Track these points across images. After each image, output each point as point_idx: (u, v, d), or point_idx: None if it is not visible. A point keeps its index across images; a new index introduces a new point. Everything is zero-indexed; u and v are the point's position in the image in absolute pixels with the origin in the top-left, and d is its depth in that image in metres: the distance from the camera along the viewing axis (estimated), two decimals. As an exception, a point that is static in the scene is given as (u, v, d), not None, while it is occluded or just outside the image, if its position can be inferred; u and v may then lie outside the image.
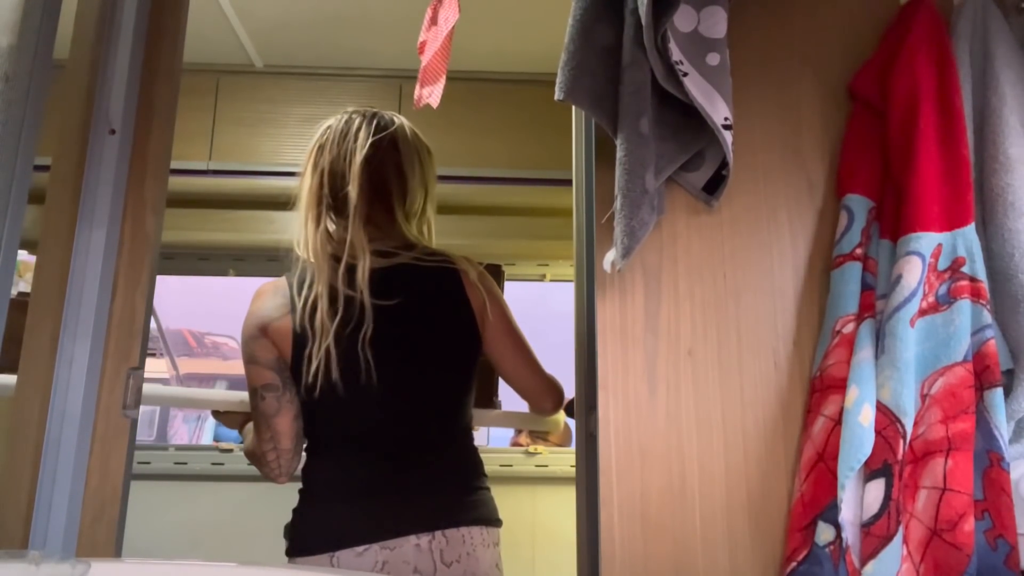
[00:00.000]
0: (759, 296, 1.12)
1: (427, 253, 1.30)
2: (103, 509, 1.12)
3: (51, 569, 0.66)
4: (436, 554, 1.16)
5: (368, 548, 1.15)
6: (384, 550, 1.15)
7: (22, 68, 1.00)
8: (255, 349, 1.24)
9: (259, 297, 1.28)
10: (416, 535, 1.16)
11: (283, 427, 1.24)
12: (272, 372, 1.23)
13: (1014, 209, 1.05)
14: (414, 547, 1.16)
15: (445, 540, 1.17)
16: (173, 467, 2.39)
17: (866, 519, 0.97)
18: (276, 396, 1.23)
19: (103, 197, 1.17)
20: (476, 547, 1.20)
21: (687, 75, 1.03)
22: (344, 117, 1.35)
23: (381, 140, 1.32)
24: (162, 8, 1.28)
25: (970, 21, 1.15)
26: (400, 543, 1.15)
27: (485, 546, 1.22)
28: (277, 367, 1.24)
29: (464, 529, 1.20)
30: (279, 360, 1.24)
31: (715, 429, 1.07)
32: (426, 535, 1.17)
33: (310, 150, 1.34)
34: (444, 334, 1.27)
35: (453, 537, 1.18)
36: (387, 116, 1.37)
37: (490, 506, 1.27)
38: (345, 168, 1.29)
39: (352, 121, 1.34)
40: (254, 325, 1.25)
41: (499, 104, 2.47)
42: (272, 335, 1.23)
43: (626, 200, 1.00)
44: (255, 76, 2.51)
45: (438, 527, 1.18)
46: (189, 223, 2.53)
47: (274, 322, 1.24)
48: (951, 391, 0.99)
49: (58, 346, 1.12)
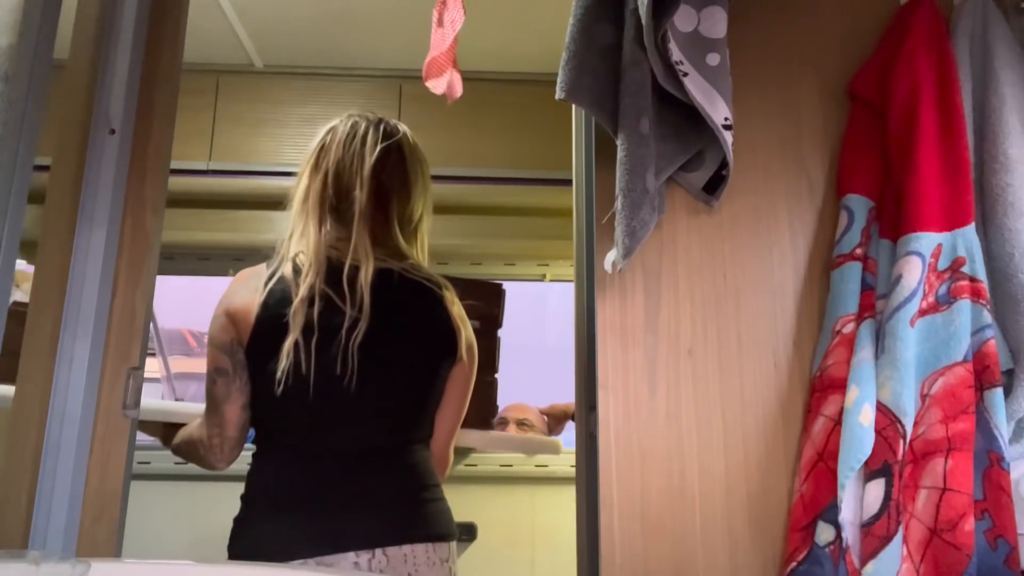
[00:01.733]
0: (759, 296, 1.12)
1: (415, 267, 1.28)
2: (103, 509, 1.12)
3: (51, 569, 0.66)
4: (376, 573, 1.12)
5: (304, 563, 1.11)
6: (320, 566, 1.10)
7: (22, 68, 1.00)
8: (214, 329, 1.22)
9: (235, 281, 1.26)
10: (356, 552, 1.12)
11: (231, 415, 1.21)
12: (225, 355, 1.21)
13: (1014, 209, 1.05)
14: (352, 565, 1.11)
15: (386, 559, 1.13)
16: (173, 467, 2.39)
17: (866, 519, 0.97)
18: (226, 381, 1.21)
19: (103, 197, 1.17)
20: (420, 566, 1.15)
21: (687, 75, 1.03)
22: (349, 120, 1.34)
23: (389, 147, 1.31)
24: (162, 8, 1.28)
25: (970, 21, 1.15)
26: (338, 559, 1.11)
27: (431, 564, 1.16)
28: (230, 350, 1.21)
29: (408, 547, 1.14)
30: (233, 343, 1.21)
31: (715, 429, 1.07)
32: (366, 553, 1.12)
33: (312, 151, 1.33)
34: (418, 346, 1.25)
35: (395, 556, 1.13)
36: (392, 123, 1.36)
37: (441, 519, 1.21)
38: (353, 172, 1.28)
39: (358, 125, 1.33)
40: (220, 305, 1.23)
41: (499, 104, 2.47)
42: (232, 316, 1.21)
43: (627, 200, 1.00)
44: (255, 76, 2.51)
45: (379, 544, 1.13)
46: (189, 223, 2.53)
47: (237, 304, 1.21)
48: (951, 391, 0.99)
49: (58, 346, 1.12)
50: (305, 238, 1.25)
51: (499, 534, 2.35)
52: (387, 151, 1.30)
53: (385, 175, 1.30)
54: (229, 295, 1.24)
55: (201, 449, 1.26)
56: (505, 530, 2.36)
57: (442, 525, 1.21)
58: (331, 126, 1.35)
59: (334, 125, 1.35)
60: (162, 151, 1.25)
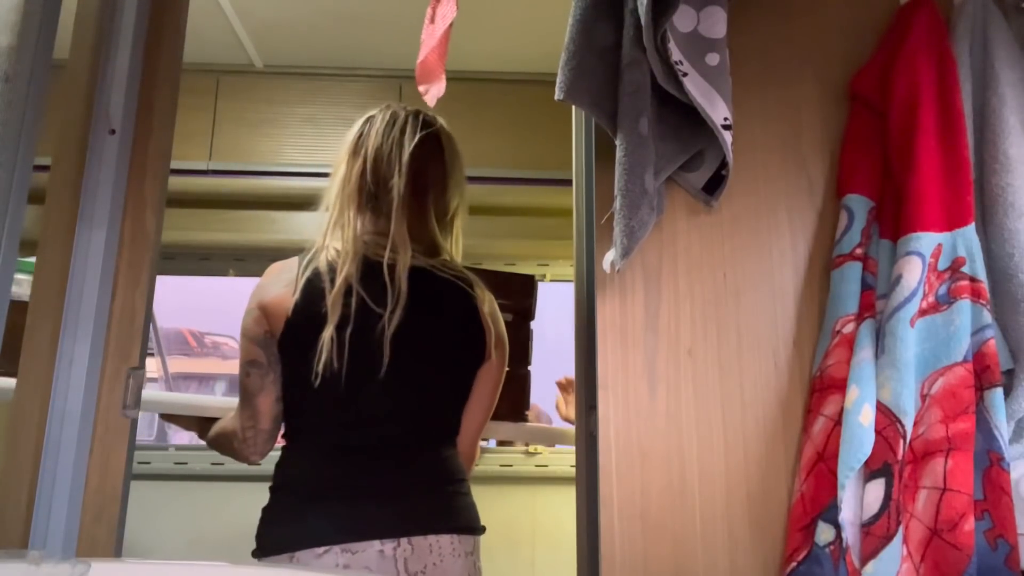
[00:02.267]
0: (759, 296, 1.12)
1: (446, 264, 1.28)
2: (103, 509, 1.12)
3: (51, 569, 0.66)
4: (400, 562, 1.13)
5: (329, 550, 1.11)
6: (345, 553, 1.11)
7: (22, 68, 1.00)
8: (247, 323, 1.23)
9: (268, 274, 1.28)
10: (381, 541, 1.13)
11: (264, 407, 1.23)
12: (259, 348, 1.22)
13: (1014, 209, 1.05)
14: (377, 553, 1.12)
15: (411, 548, 1.14)
16: (173, 467, 2.39)
17: (866, 519, 0.97)
18: (260, 374, 1.22)
19: (103, 197, 1.17)
20: (445, 556, 1.16)
21: (687, 75, 1.03)
22: (388, 110, 1.35)
23: (428, 136, 1.31)
24: (162, 8, 1.28)
25: (970, 21, 1.15)
26: (363, 547, 1.12)
27: (455, 555, 1.17)
28: (264, 343, 1.22)
29: (433, 537, 1.16)
30: (267, 336, 1.22)
31: (715, 429, 1.07)
32: (391, 542, 1.13)
33: (350, 139, 1.33)
34: (448, 346, 1.26)
35: (420, 545, 1.14)
36: (430, 114, 1.37)
37: (466, 513, 1.23)
38: (392, 159, 1.28)
39: (397, 114, 1.33)
40: (253, 299, 1.24)
41: (499, 104, 2.47)
42: (265, 309, 1.22)
43: (625, 200, 1.00)
44: (255, 76, 2.51)
45: (405, 534, 1.14)
46: (189, 223, 2.53)
47: (269, 297, 1.22)
48: (951, 391, 0.99)
49: (58, 346, 1.12)
50: (340, 228, 1.25)
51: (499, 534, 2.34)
52: (425, 140, 1.31)
53: (423, 164, 1.30)
54: (262, 288, 1.25)
55: (235, 442, 1.27)
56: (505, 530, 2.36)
57: (468, 519, 1.23)
58: (369, 115, 1.35)
59: (372, 114, 1.35)
60: (162, 151, 1.25)
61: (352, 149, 1.32)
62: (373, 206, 1.28)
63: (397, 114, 1.33)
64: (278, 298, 1.22)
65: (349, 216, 1.26)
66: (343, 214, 1.26)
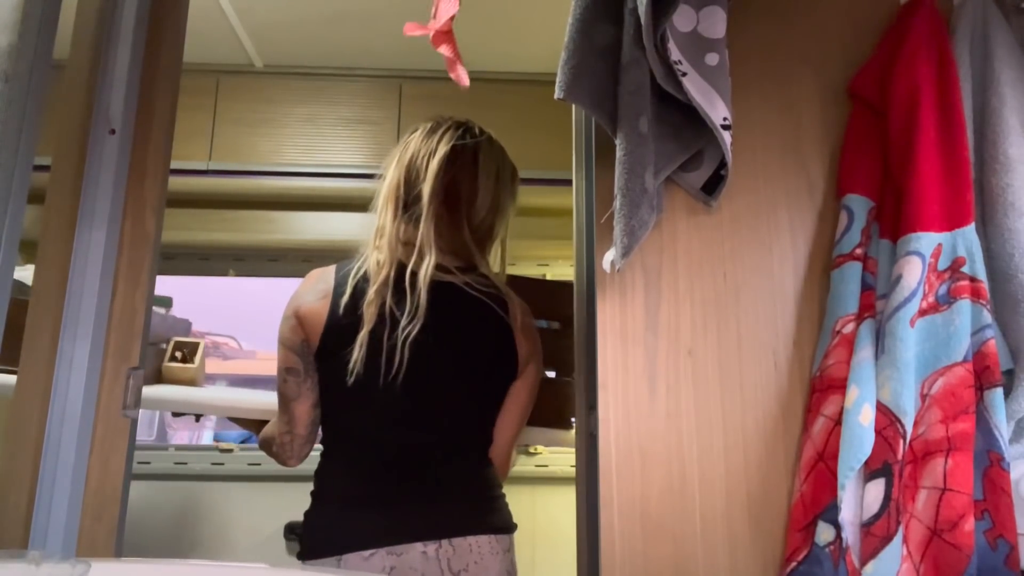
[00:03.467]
0: (759, 296, 1.12)
1: (480, 281, 1.28)
2: (103, 509, 1.12)
3: (51, 569, 0.66)
4: (443, 562, 1.17)
5: (375, 552, 1.16)
6: (391, 555, 1.16)
7: (22, 68, 1.00)
8: (284, 330, 1.26)
9: (305, 281, 1.30)
10: (423, 543, 1.17)
11: (301, 413, 1.26)
12: (296, 356, 1.25)
13: (1014, 209, 1.05)
14: (421, 554, 1.17)
15: (452, 549, 1.18)
16: (173, 467, 2.39)
17: (866, 519, 0.97)
18: (297, 381, 1.24)
19: (103, 197, 1.17)
20: (484, 556, 1.20)
21: (686, 75, 1.03)
22: (435, 120, 1.36)
23: (464, 146, 1.32)
24: (162, 8, 1.28)
25: (970, 21, 1.15)
26: (407, 549, 1.16)
27: (494, 554, 1.22)
28: (301, 351, 1.25)
29: (472, 538, 1.20)
30: (304, 344, 1.24)
31: (715, 429, 1.07)
32: (433, 543, 1.17)
33: (398, 146, 1.35)
34: (477, 363, 1.27)
35: (460, 546, 1.19)
36: (476, 127, 1.38)
37: (501, 513, 1.28)
38: (422, 166, 1.29)
39: (441, 124, 1.35)
40: (290, 306, 1.27)
41: (499, 104, 2.47)
42: (302, 318, 1.24)
43: (625, 200, 1.00)
44: (255, 76, 2.51)
45: (446, 535, 1.18)
46: (189, 223, 2.53)
47: (307, 306, 1.25)
48: (951, 391, 0.99)
49: (58, 346, 1.12)
50: (379, 235, 1.27)
51: (499, 534, 2.34)
52: (458, 150, 1.32)
53: (453, 174, 1.31)
54: (299, 296, 1.27)
55: (275, 446, 1.31)
56: (505, 530, 2.36)
57: (503, 519, 1.27)
58: (419, 124, 1.37)
59: (421, 124, 1.37)
60: (162, 151, 1.25)
61: (397, 160, 1.34)
62: (406, 213, 1.30)
63: (440, 124, 1.35)
64: (314, 308, 1.24)
65: (385, 223, 1.28)
66: (381, 221, 1.29)
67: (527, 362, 1.31)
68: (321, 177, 2.44)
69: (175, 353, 1.56)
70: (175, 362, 1.55)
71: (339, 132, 2.47)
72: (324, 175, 2.44)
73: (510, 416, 1.32)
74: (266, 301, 2.90)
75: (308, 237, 2.57)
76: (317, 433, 1.29)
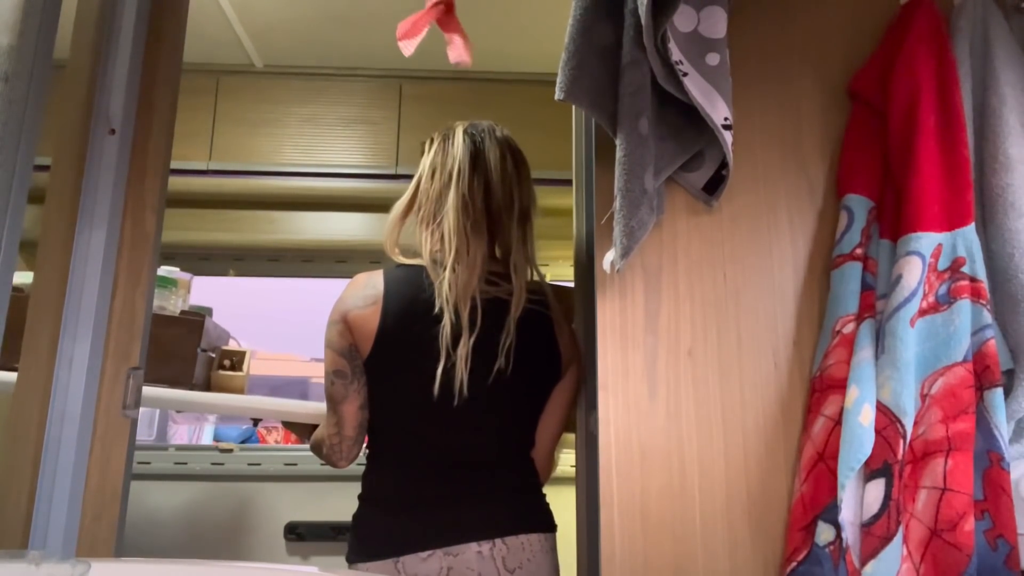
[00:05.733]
0: (759, 296, 1.12)
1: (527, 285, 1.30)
2: (103, 509, 1.12)
3: (51, 569, 0.66)
4: (499, 560, 1.20)
5: (432, 553, 1.18)
6: (448, 556, 1.18)
7: (22, 68, 1.00)
8: (332, 334, 1.27)
9: (352, 285, 1.30)
10: (478, 543, 1.20)
11: (348, 414, 1.27)
12: (344, 359, 1.26)
13: (1014, 209, 1.05)
14: (476, 554, 1.19)
15: (506, 547, 1.21)
16: (173, 467, 2.39)
17: (866, 519, 0.97)
18: (344, 383, 1.26)
19: (103, 197, 1.17)
20: (536, 553, 1.24)
21: (687, 75, 1.03)
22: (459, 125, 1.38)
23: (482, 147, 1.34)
24: (162, 8, 1.28)
25: (970, 21, 1.15)
26: (463, 549, 1.19)
27: (545, 552, 1.26)
28: (349, 355, 1.26)
29: (524, 536, 1.23)
30: (352, 349, 1.25)
31: (715, 429, 1.07)
32: (487, 543, 1.20)
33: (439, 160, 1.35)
34: (527, 369, 1.28)
35: (513, 544, 1.22)
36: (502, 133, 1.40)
37: (546, 515, 1.31)
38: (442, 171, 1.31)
39: (454, 128, 1.37)
40: (337, 310, 1.27)
41: (499, 104, 2.47)
42: (350, 323, 1.25)
43: (625, 200, 1.00)
44: (255, 76, 2.51)
45: (499, 535, 1.21)
46: (189, 223, 2.53)
47: (355, 311, 1.25)
48: (951, 391, 0.99)
49: (58, 346, 1.12)
50: (420, 245, 1.29)
51: (499, 534, 2.35)
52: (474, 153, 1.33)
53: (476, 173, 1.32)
54: (346, 300, 1.28)
55: (324, 448, 1.32)
56: (505, 530, 2.35)
57: (548, 519, 1.31)
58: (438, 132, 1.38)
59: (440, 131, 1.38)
60: (162, 151, 1.25)
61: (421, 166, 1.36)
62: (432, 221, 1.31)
63: (454, 129, 1.37)
64: (363, 314, 1.25)
65: (425, 231, 1.30)
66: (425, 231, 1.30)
67: (569, 364, 1.33)
68: (321, 177, 2.44)
69: (223, 362, 1.59)
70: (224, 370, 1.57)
71: (339, 132, 2.47)
72: (324, 175, 2.44)
73: (553, 418, 1.35)
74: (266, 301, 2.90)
75: (308, 237, 2.57)
76: (365, 434, 1.31)
